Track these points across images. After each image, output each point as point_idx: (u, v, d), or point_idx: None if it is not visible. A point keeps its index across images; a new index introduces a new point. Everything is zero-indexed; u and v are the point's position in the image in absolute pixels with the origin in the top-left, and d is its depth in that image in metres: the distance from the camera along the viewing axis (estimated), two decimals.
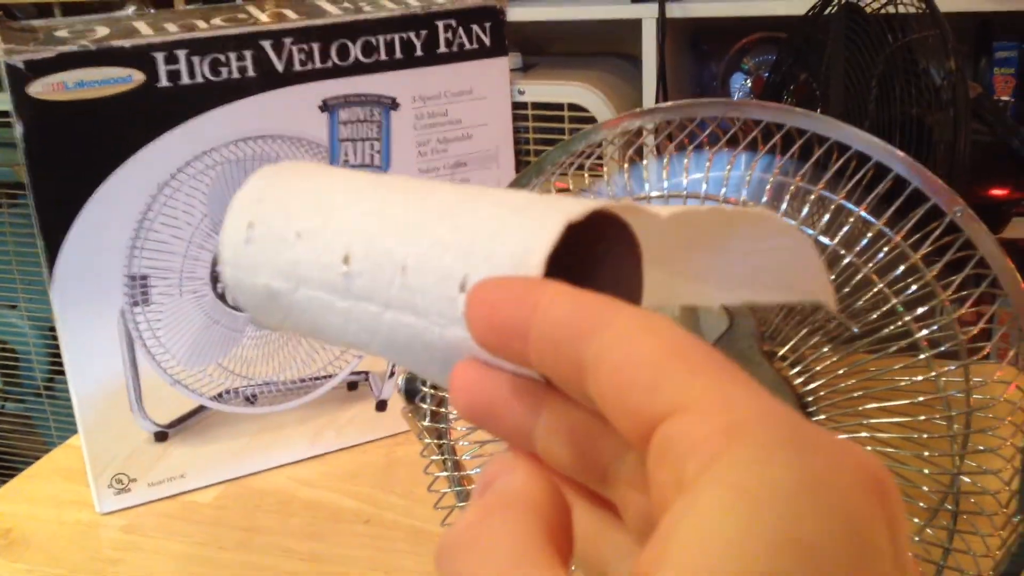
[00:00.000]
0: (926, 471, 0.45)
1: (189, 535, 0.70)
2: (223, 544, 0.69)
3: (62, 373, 1.70)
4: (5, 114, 1.79)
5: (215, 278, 0.72)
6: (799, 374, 0.43)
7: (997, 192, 1.33)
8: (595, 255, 0.29)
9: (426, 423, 0.54)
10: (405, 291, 0.28)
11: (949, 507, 0.46)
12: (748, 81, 1.90)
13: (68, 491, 0.75)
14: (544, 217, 0.26)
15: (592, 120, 1.56)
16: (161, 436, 0.72)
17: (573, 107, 1.59)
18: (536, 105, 1.62)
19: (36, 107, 0.63)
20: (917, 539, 0.46)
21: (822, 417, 0.43)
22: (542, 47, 1.92)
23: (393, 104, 0.74)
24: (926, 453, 0.45)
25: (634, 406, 0.22)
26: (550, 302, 0.24)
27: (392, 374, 0.81)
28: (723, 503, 0.19)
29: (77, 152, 0.65)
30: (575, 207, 0.26)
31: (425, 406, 0.54)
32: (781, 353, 0.43)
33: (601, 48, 1.88)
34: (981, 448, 0.45)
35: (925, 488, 0.45)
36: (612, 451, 0.25)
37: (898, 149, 0.44)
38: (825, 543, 0.19)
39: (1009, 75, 1.54)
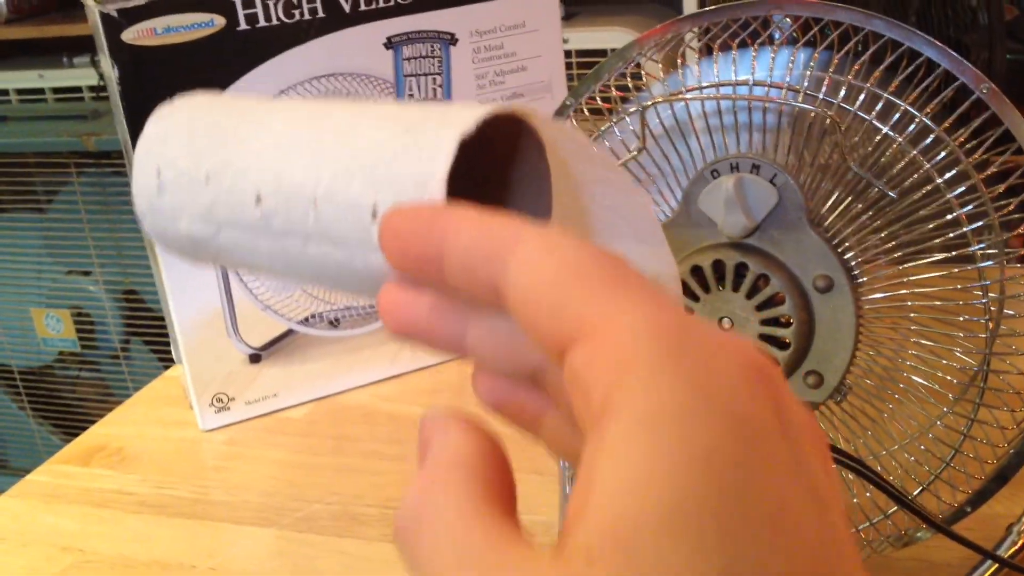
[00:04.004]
0: (960, 335, 0.49)
1: (285, 445, 0.76)
2: (316, 451, 0.75)
3: (137, 335, 1.78)
4: (75, 89, 1.86)
5: None
6: (844, 240, 0.47)
7: None
8: (509, 153, 0.31)
9: None
10: (321, 223, 0.29)
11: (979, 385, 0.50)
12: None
13: (170, 414, 0.81)
14: (439, 135, 0.27)
15: None
16: (255, 358, 0.78)
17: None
18: (580, 52, 1.66)
19: (130, 52, 0.69)
20: (939, 423, 0.50)
21: (865, 279, 0.47)
22: None
23: (452, 39, 0.79)
24: (962, 318, 0.49)
25: (543, 330, 0.23)
26: (456, 230, 0.25)
27: None
28: (626, 437, 0.21)
29: (167, 93, 0.70)
30: (468, 118, 0.27)
31: None
32: (828, 222, 0.47)
33: None
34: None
35: (955, 362, 0.49)
36: (539, 355, 0.26)
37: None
38: (722, 446, 0.20)
39: None
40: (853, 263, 0.47)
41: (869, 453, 0.49)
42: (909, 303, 0.47)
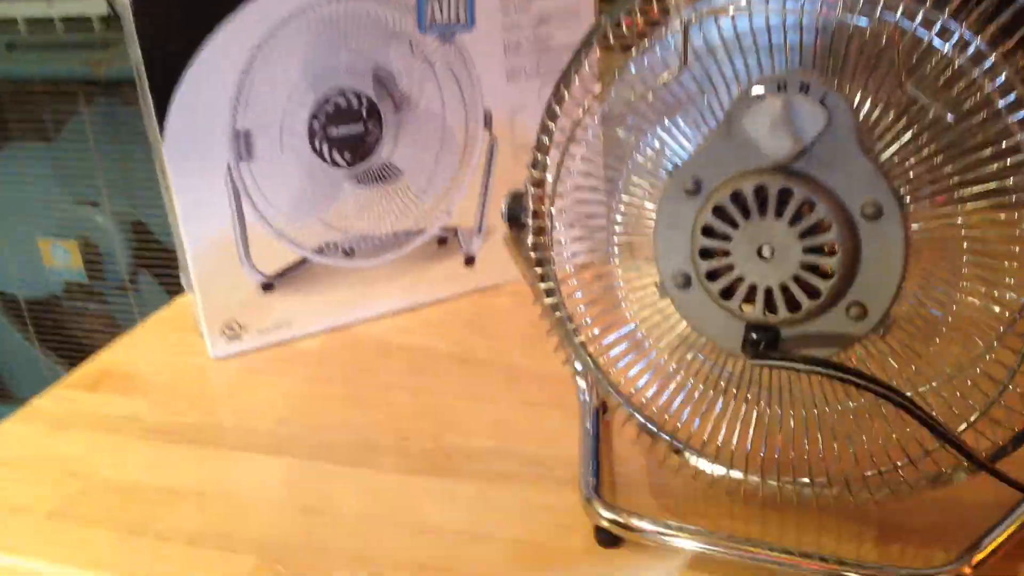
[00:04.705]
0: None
1: (298, 373, 0.74)
2: (330, 380, 0.73)
3: (145, 267, 1.76)
4: (85, 20, 1.83)
5: (311, 135, 0.75)
6: (895, 166, 0.45)
7: None
8: None
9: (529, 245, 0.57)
10: None
11: None
12: None
13: (180, 341, 0.80)
14: None
15: None
16: (268, 286, 0.76)
17: None
18: None
19: None
20: (988, 357, 0.48)
21: (916, 207, 0.45)
22: None
23: None
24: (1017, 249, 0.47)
25: None
26: None
27: (480, 229, 0.84)
28: None
29: (179, 13, 0.68)
30: None
31: (529, 227, 0.57)
32: (879, 147, 0.45)
33: None
34: None
35: (1007, 293, 0.47)
36: None
37: None
38: None
39: None
40: (903, 189, 0.45)
41: (911, 388, 0.47)
42: (962, 232, 0.45)
